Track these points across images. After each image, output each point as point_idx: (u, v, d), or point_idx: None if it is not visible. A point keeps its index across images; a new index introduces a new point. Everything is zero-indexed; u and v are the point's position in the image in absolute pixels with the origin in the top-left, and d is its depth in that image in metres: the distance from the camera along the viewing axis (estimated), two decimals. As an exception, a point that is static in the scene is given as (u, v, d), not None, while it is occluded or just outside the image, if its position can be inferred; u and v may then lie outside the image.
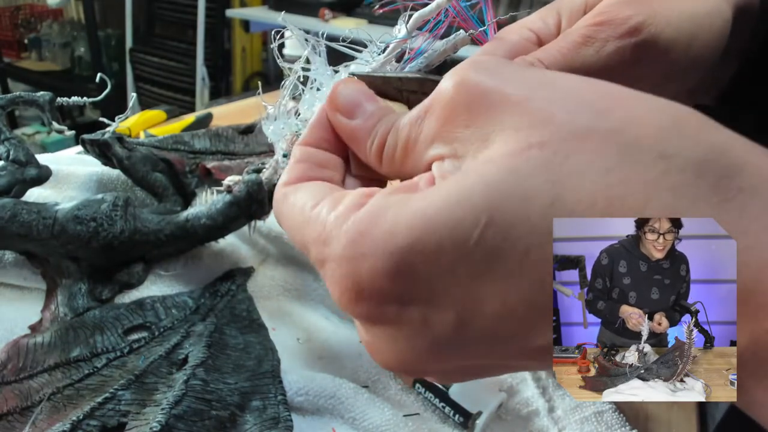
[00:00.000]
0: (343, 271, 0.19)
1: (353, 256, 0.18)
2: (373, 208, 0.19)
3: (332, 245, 0.19)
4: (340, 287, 0.19)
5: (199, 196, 0.53)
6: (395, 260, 0.18)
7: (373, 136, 0.22)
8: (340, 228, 0.19)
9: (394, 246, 0.18)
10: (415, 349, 0.19)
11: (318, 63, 0.27)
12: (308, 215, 0.21)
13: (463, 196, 0.17)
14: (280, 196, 0.23)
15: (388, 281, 0.18)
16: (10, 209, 0.41)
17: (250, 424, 0.35)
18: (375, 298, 0.18)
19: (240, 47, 2.70)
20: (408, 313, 0.18)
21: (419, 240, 0.17)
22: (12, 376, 0.37)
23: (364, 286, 0.18)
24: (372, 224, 0.18)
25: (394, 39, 0.27)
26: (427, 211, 0.17)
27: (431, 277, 0.17)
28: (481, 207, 0.17)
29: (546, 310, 0.17)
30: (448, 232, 0.17)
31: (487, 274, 0.17)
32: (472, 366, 0.20)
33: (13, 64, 2.99)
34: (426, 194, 0.18)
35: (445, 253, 0.17)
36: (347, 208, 0.19)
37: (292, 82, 0.27)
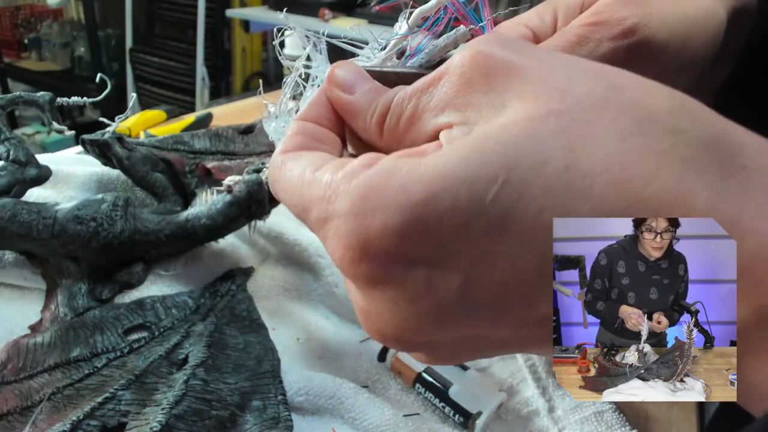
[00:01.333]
0: (349, 227, 0.18)
1: (362, 211, 0.18)
2: (386, 166, 0.18)
3: (339, 201, 0.18)
4: (344, 245, 0.18)
5: (199, 196, 0.53)
6: (408, 215, 0.17)
7: (374, 108, 0.22)
8: (348, 183, 0.19)
9: (407, 200, 0.17)
10: (416, 313, 0.19)
11: (319, 60, 0.27)
12: (310, 177, 0.20)
13: (481, 153, 0.17)
14: (278, 163, 0.22)
15: (398, 238, 0.17)
16: (10, 209, 0.41)
17: (250, 424, 0.36)
18: (382, 257, 0.18)
19: (240, 47, 2.70)
20: (414, 273, 0.18)
21: (434, 195, 0.17)
22: (12, 376, 0.37)
23: (371, 243, 0.18)
24: (385, 179, 0.18)
25: (394, 36, 0.27)
26: (444, 167, 0.17)
27: (443, 235, 0.17)
28: (498, 165, 0.17)
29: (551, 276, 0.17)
30: (465, 188, 0.17)
31: (501, 233, 0.17)
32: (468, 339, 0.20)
33: (13, 64, 2.99)
34: (441, 153, 0.18)
35: (460, 210, 0.17)
36: (356, 167, 0.19)
37: (293, 79, 0.27)
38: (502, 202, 0.17)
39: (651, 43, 0.27)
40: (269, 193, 0.45)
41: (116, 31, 2.93)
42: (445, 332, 0.19)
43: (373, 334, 0.21)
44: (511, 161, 0.17)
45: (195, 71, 2.54)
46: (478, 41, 0.20)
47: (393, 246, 0.18)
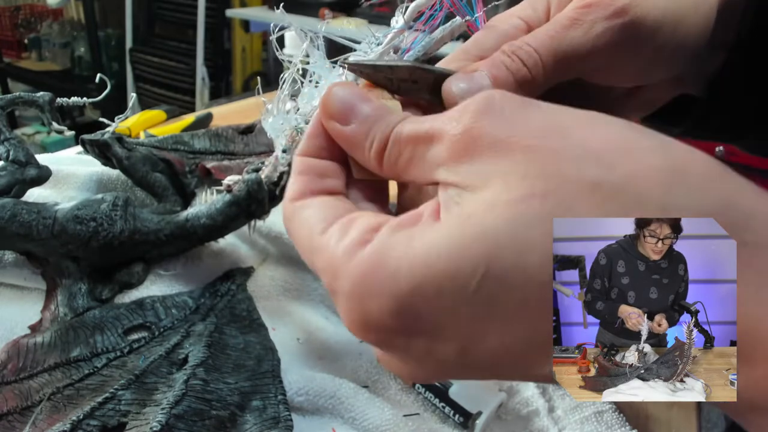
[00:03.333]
0: (351, 306, 0.20)
1: (360, 294, 0.19)
2: (378, 248, 0.19)
3: (341, 280, 0.20)
4: (349, 319, 0.20)
5: (199, 196, 0.53)
6: (398, 302, 0.19)
7: (371, 140, 0.22)
8: (347, 264, 0.20)
9: (397, 289, 0.18)
10: (423, 370, 0.21)
11: (317, 57, 0.27)
12: (317, 243, 0.21)
13: (462, 244, 0.18)
14: (288, 214, 0.24)
15: (393, 319, 0.19)
16: (10, 209, 0.41)
17: (250, 423, 0.35)
18: (382, 332, 0.20)
19: (240, 47, 2.70)
20: (414, 343, 0.20)
21: (420, 285, 0.18)
22: (12, 376, 0.37)
23: (371, 322, 0.20)
24: (376, 266, 0.19)
25: (391, 30, 0.27)
26: (428, 257, 0.18)
27: (433, 316, 0.18)
28: (479, 257, 0.17)
29: (544, 348, 0.18)
30: (448, 280, 0.18)
31: (486, 317, 0.18)
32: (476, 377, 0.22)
33: (13, 64, 2.99)
34: (428, 237, 0.19)
35: (445, 297, 0.18)
36: (354, 244, 0.20)
37: (291, 74, 0.27)
38: (484, 292, 0.17)
39: (643, 23, 0.28)
40: (269, 192, 0.45)
41: (116, 31, 2.92)
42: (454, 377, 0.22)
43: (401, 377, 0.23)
44: (491, 252, 0.17)
45: (195, 71, 2.54)
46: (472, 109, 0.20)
47: (390, 324, 0.19)
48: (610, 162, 0.17)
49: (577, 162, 0.18)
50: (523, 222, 0.17)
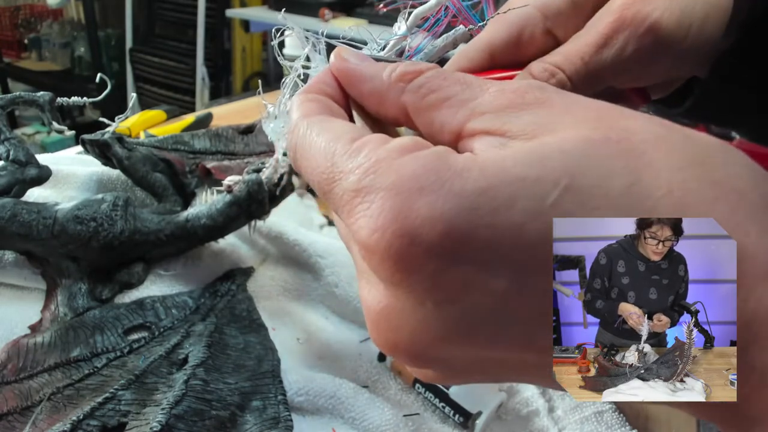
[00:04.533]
0: (391, 203, 0.16)
1: (411, 189, 0.16)
2: (440, 150, 0.17)
3: (383, 174, 0.16)
4: (379, 222, 0.16)
5: (199, 196, 0.53)
6: (463, 203, 0.16)
7: (394, 67, 0.21)
8: (396, 159, 0.17)
9: (462, 187, 0.16)
10: (441, 321, 0.17)
11: (318, 61, 0.27)
12: (347, 146, 0.18)
13: (542, 157, 0.16)
14: (302, 127, 0.20)
15: (447, 226, 0.15)
16: (10, 209, 0.41)
17: (250, 424, 0.36)
18: (422, 243, 0.16)
19: (240, 47, 2.70)
20: (455, 270, 0.16)
21: (492, 187, 0.16)
22: (12, 376, 0.37)
23: (413, 226, 0.16)
24: (440, 162, 0.16)
25: (393, 36, 0.27)
26: (505, 162, 0.16)
27: (497, 232, 0.16)
28: (562, 170, 0.16)
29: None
30: (526, 186, 0.16)
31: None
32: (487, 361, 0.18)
33: (13, 64, 2.99)
34: (498, 153, 0.17)
35: (518, 208, 0.16)
36: (405, 145, 0.17)
37: (292, 80, 0.27)
38: (562, 207, 0.16)
39: (671, 37, 0.27)
40: (269, 193, 0.45)
41: (116, 31, 2.93)
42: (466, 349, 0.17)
43: (382, 342, 0.19)
44: (575, 169, 0.16)
45: (195, 71, 2.54)
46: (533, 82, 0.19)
47: (439, 234, 0.16)
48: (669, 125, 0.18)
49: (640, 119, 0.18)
50: (603, 152, 0.17)
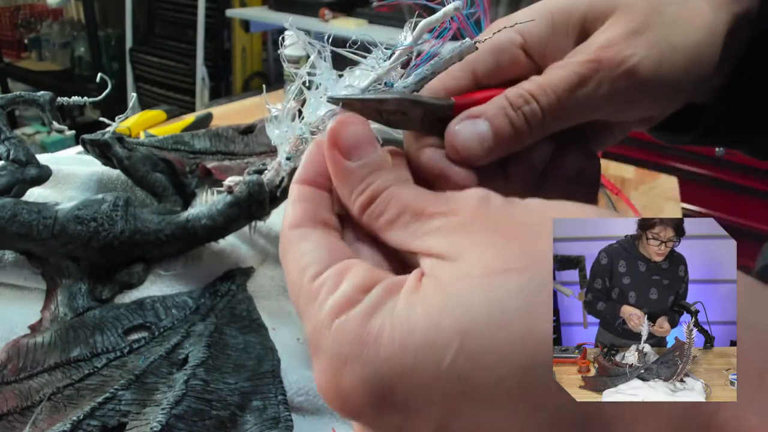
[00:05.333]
0: (327, 371, 0.19)
1: (338, 360, 0.19)
2: (365, 310, 0.19)
3: (322, 338, 0.20)
4: (323, 382, 0.19)
5: (199, 196, 0.53)
6: (374, 371, 0.18)
7: (364, 187, 0.23)
8: (332, 322, 0.19)
9: (374, 357, 0.18)
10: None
11: (323, 68, 0.27)
12: (308, 288, 0.21)
13: (438, 317, 0.18)
14: (285, 242, 0.23)
15: (366, 389, 0.18)
16: (10, 209, 0.41)
17: (250, 424, 0.36)
18: (353, 403, 0.19)
19: (240, 47, 2.70)
20: (386, 418, 0.19)
21: (397, 356, 0.18)
22: (12, 376, 0.37)
23: (344, 391, 0.19)
24: (360, 329, 0.19)
25: (399, 46, 0.27)
26: (408, 325, 0.18)
27: (408, 391, 0.18)
28: (453, 332, 0.17)
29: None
30: (423, 354, 0.17)
31: (461, 396, 0.17)
32: None
33: (13, 64, 2.99)
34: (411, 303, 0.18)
35: (420, 372, 0.17)
36: (343, 302, 0.20)
37: (297, 87, 0.27)
38: (458, 369, 0.17)
39: (650, 80, 0.27)
40: (270, 193, 0.45)
41: (116, 31, 2.93)
42: None
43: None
44: (466, 327, 0.17)
45: (195, 71, 2.54)
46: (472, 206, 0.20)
47: (363, 396, 0.18)
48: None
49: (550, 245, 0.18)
50: (497, 297, 0.17)
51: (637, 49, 0.27)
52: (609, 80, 0.27)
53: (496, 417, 0.17)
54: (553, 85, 0.27)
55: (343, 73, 0.27)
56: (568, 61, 0.28)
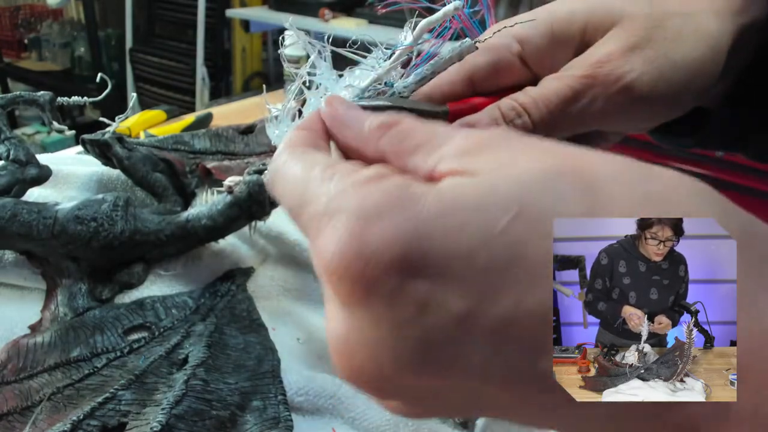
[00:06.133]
0: (351, 224, 0.17)
1: (370, 213, 0.17)
2: (402, 180, 0.18)
3: (346, 200, 0.17)
4: (339, 241, 0.17)
5: (199, 196, 0.53)
6: (414, 228, 0.16)
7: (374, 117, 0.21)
8: (361, 186, 0.18)
9: (417, 212, 0.16)
10: (401, 343, 0.17)
11: (323, 68, 0.27)
12: (319, 174, 0.19)
13: (495, 186, 0.17)
14: (285, 155, 0.21)
15: (399, 247, 0.16)
16: (10, 209, 0.41)
17: (250, 424, 0.36)
18: (378, 260, 0.16)
19: (240, 47, 2.70)
20: (411, 288, 0.16)
21: (445, 213, 0.16)
22: (12, 376, 0.37)
23: (371, 243, 0.16)
24: (400, 189, 0.17)
25: (399, 45, 0.27)
26: (461, 189, 0.17)
27: (449, 256, 0.16)
28: (512, 198, 0.16)
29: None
30: (476, 213, 0.16)
31: (508, 268, 0.16)
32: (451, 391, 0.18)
33: (13, 64, 2.99)
34: (455, 181, 0.17)
35: (467, 235, 0.16)
36: (368, 176, 0.18)
37: (297, 87, 0.27)
38: (511, 236, 0.16)
39: (647, 97, 0.27)
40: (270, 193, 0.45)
41: (116, 31, 2.92)
42: (424, 377, 0.17)
43: (344, 370, 0.19)
44: (527, 197, 0.16)
45: (195, 71, 2.54)
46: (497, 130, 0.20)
47: (394, 255, 0.16)
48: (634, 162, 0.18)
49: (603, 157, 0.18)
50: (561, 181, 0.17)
51: (635, 66, 0.27)
52: (604, 96, 0.27)
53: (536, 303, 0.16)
54: (545, 99, 0.27)
55: (343, 73, 0.28)
56: (563, 74, 0.28)
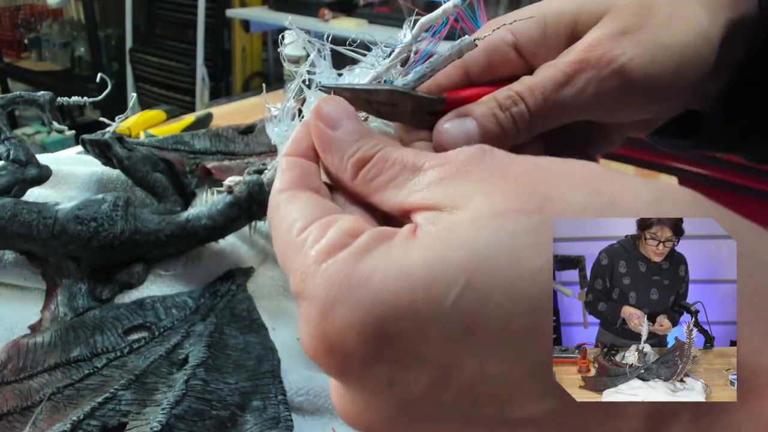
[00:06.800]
0: (314, 315, 0.18)
1: (327, 302, 0.17)
2: (354, 252, 0.18)
3: (309, 284, 0.18)
4: (309, 331, 0.18)
5: (199, 196, 0.53)
6: (365, 312, 0.17)
7: (355, 149, 0.22)
8: (318, 266, 0.18)
9: (367, 297, 0.17)
10: (381, 408, 0.18)
11: (323, 67, 0.27)
12: (293, 241, 0.20)
13: (442, 254, 0.16)
14: (273, 205, 0.23)
15: (356, 333, 0.17)
16: (10, 209, 0.41)
17: (250, 424, 0.36)
18: (342, 350, 0.17)
19: (240, 47, 2.70)
20: (374, 370, 0.17)
21: (393, 294, 0.16)
22: (12, 376, 0.37)
23: (331, 336, 0.17)
24: (349, 272, 0.17)
25: (398, 44, 0.27)
26: (405, 265, 0.17)
27: (403, 335, 0.16)
28: (460, 267, 0.16)
29: (529, 383, 0.16)
30: (424, 291, 0.16)
31: (464, 339, 0.16)
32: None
33: (13, 64, 2.99)
34: (407, 246, 0.17)
35: (419, 312, 0.16)
36: (330, 246, 0.19)
37: (296, 86, 0.27)
38: (463, 307, 0.16)
39: (639, 80, 0.27)
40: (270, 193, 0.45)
41: (116, 31, 2.93)
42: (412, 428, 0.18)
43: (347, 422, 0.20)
44: (475, 262, 0.16)
45: (195, 71, 2.54)
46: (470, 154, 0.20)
47: (352, 342, 0.17)
48: (596, 188, 0.17)
49: (564, 188, 0.17)
50: (508, 234, 0.16)
51: (627, 49, 0.27)
52: (597, 80, 0.27)
53: (500, 364, 0.16)
54: (540, 86, 0.27)
55: (342, 72, 0.28)
56: (557, 61, 0.28)
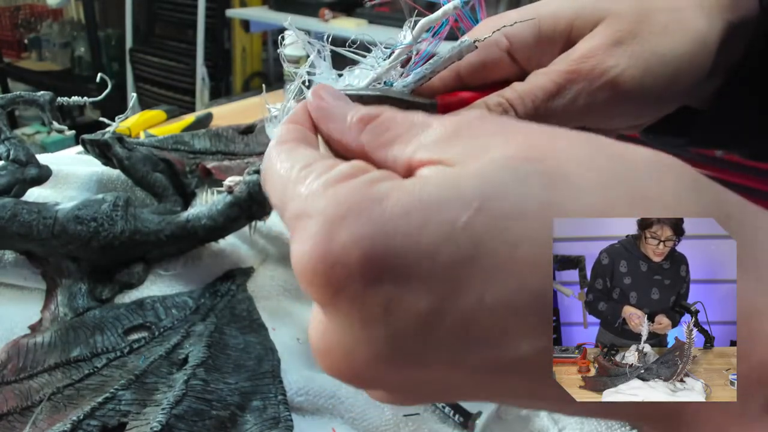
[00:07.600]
0: (318, 228, 0.17)
1: (334, 215, 0.17)
2: (367, 178, 0.18)
3: (316, 201, 0.18)
4: (308, 245, 0.17)
5: (199, 196, 0.53)
6: (376, 229, 0.17)
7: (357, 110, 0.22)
8: (330, 186, 0.18)
9: (378, 214, 0.17)
10: (370, 341, 0.18)
11: (323, 68, 0.27)
12: (297, 174, 0.20)
13: (457, 181, 0.17)
14: (272, 154, 0.22)
15: (363, 250, 0.17)
16: (10, 209, 0.41)
17: (250, 424, 0.36)
18: (344, 267, 0.17)
19: (240, 47, 2.70)
20: (375, 291, 0.17)
21: (407, 212, 0.17)
22: (12, 376, 0.37)
23: (335, 251, 0.17)
24: (364, 190, 0.18)
25: (399, 45, 0.27)
26: (419, 189, 0.17)
27: (411, 255, 0.16)
28: (474, 192, 0.17)
29: (527, 315, 0.16)
30: (437, 210, 0.16)
31: (470, 263, 0.16)
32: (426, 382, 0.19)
33: (13, 64, 2.99)
34: (422, 180, 0.18)
35: (431, 233, 0.16)
36: (340, 175, 0.19)
37: (296, 86, 0.27)
38: (474, 229, 0.16)
39: (632, 92, 0.27)
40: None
41: (116, 31, 2.92)
42: (398, 370, 0.18)
43: (324, 365, 0.20)
44: (489, 190, 0.16)
45: (195, 71, 2.54)
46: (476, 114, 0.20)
47: (357, 258, 0.17)
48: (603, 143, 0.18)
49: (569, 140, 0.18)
50: (521, 173, 0.17)
51: (619, 61, 0.27)
52: (588, 91, 0.27)
53: (500, 293, 0.16)
54: (530, 94, 0.27)
55: (342, 73, 0.28)
56: (549, 69, 0.28)
